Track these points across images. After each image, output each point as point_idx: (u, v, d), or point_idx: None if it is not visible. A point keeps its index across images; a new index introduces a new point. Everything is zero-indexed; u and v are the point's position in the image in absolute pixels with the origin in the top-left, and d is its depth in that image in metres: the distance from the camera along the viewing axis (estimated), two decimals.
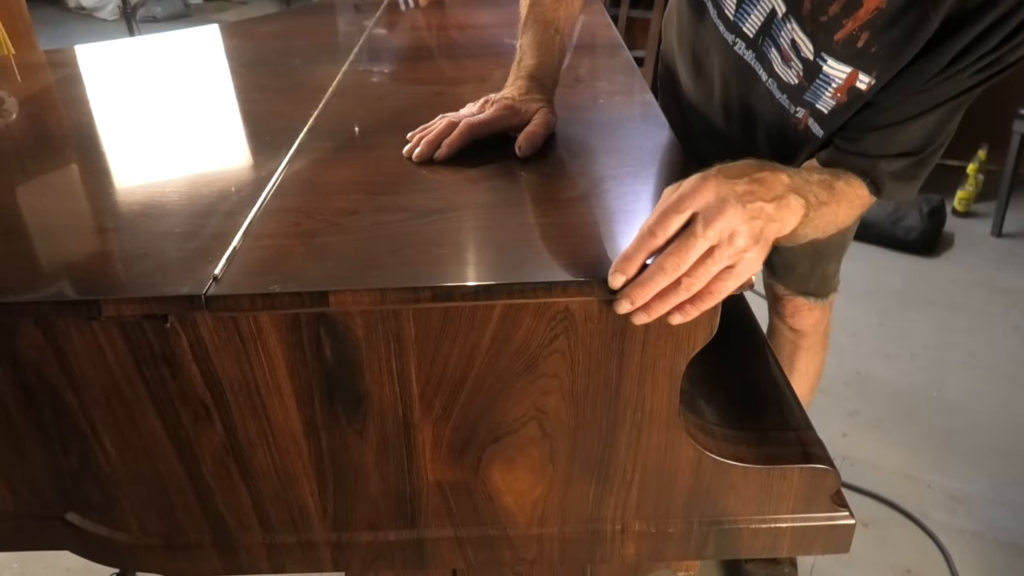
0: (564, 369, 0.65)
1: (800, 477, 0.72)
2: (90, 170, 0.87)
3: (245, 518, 0.73)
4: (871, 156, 0.78)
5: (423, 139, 0.83)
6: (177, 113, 1.04)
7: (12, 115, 1.09)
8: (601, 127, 0.92)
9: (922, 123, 0.75)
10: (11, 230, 0.73)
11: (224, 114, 1.04)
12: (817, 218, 0.70)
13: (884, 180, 0.78)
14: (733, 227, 0.59)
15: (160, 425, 0.67)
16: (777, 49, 0.84)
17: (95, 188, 0.83)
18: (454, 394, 0.66)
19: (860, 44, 0.74)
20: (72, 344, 0.63)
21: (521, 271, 0.62)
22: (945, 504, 1.56)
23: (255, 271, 0.63)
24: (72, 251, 0.69)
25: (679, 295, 0.60)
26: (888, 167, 0.77)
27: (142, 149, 0.92)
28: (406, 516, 0.74)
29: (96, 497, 0.72)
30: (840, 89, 0.78)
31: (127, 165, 0.87)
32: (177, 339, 0.62)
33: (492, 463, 0.70)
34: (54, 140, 0.98)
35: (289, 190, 0.77)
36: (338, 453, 0.69)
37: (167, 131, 0.97)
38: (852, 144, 0.79)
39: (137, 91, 1.15)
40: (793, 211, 0.64)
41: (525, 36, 0.93)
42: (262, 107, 1.05)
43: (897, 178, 0.78)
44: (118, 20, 5.29)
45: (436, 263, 0.64)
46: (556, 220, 0.72)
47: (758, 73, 0.88)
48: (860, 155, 0.78)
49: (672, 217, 0.60)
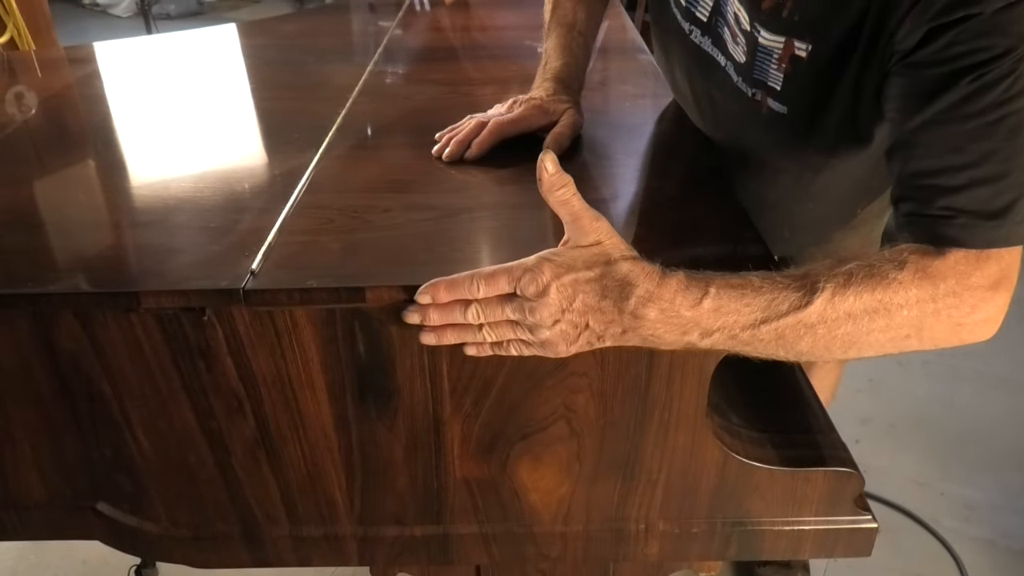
0: (594, 368, 0.65)
1: (824, 480, 0.73)
2: (124, 166, 0.88)
3: (273, 510, 0.74)
4: (925, 203, 0.59)
5: (452, 139, 0.84)
6: (206, 110, 1.05)
7: (31, 111, 1.11)
8: (626, 131, 0.93)
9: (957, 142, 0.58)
10: (48, 223, 0.74)
11: (253, 112, 1.05)
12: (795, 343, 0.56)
13: (962, 224, 0.57)
14: (544, 319, 0.57)
15: (193, 416, 0.68)
16: (727, 26, 0.81)
17: (129, 183, 0.84)
18: (484, 391, 0.67)
19: (784, 13, 0.71)
20: (109, 335, 0.64)
21: None
22: (957, 511, 1.56)
23: (291, 266, 0.64)
24: (109, 244, 0.70)
25: (473, 337, 0.60)
26: (957, 202, 0.57)
27: (173, 146, 0.93)
28: (432, 512, 0.74)
29: (127, 487, 0.73)
30: (782, 59, 0.74)
31: (159, 161, 0.88)
32: (213, 332, 0.63)
33: (519, 460, 0.71)
34: (85, 136, 0.99)
35: (321, 187, 0.78)
36: (367, 447, 0.70)
37: (197, 128, 0.98)
38: (904, 205, 0.61)
39: (165, 88, 1.16)
40: (654, 330, 0.56)
41: (549, 40, 0.94)
42: (290, 105, 1.06)
43: (980, 216, 0.57)
44: (131, 17, 5.31)
45: (469, 261, 0.64)
46: None
47: (716, 59, 0.85)
48: (914, 213, 0.60)
49: (501, 280, 0.57)
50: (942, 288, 0.57)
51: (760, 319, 0.56)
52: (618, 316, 0.57)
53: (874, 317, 0.56)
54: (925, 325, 0.58)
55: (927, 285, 0.57)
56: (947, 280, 0.57)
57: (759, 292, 0.56)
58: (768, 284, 0.56)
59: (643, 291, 0.56)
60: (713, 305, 0.56)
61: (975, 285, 0.57)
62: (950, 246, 0.58)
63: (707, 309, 0.56)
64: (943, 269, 0.57)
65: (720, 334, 0.56)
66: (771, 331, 0.56)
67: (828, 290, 0.56)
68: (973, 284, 0.57)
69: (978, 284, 0.58)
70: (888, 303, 0.56)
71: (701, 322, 0.56)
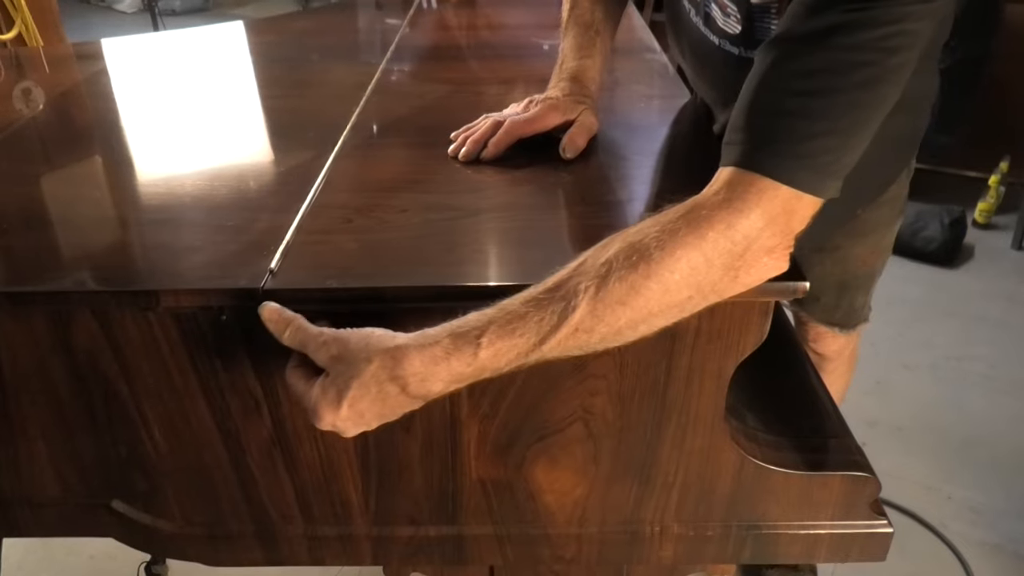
0: (613, 370, 0.65)
1: (841, 484, 0.73)
2: (136, 164, 0.88)
3: (288, 510, 0.74)
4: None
5: (468, 138, 0.84)
6: (218, 108, 1.05)
7: (39, 106, 1.10)
8: (642, 132, 0.93)
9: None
10: (63, 220, 0.74)
11: (267, 110, 1.05)
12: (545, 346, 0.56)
13: (751, 145, 0.58)
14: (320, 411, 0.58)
15: (209, 416, 0.68)
16: (716, 3, 0.81)
17: (143, 181, 0.83)
18: (502, 392, 0.66)
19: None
20: (127, 334, 0.64)
21: None
22: (965, 515, 1.56)
23: (310, 265, 0.64)
24: (125, 242, 0.69)
25: None
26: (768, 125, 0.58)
27: (187, 144, 0.93)
28: (447, 512, 0.74)
29: (142, 485, 0.73)
30: (780, 11, 0.72)
31: (175, 159, 0.88)
32: (230, 332, 0.63)
33: (536, 462, 0.71)
34: (98, 133, 0.99)
35: (337, 186, 0.78)
36: (384, 448, 0.70)
37: (211, 126, 0.98)
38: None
39: (175, 86, 1.15)
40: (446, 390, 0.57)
41: (566, 39, 0.93)
42: (302, 103, 1.06)
43: (773, 143, 0.57)
44: (136, 13, 5.31)
45: (488, 262, 0.64)
46: (600, 222, 0.72)
47: (711, 39, 0.85)
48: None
49: (310, 348, 0.58)
50: (710, 237, 0.55)
51: (536, 341, 0.55)
52: (408, 402, 0.57)
53: (646, 293, 0.55)
54: (702, 280, 0.56)
55: (693, 239, 0.55)
56: (715, 226, 0.55)
57: (525, 319, 0.55)
58: (531, 307, 0.55)
59: (417, 376, 0.55)
60: (489, 352, 0.55)
61: (745, 220, 0.56)
62: (730, 165, 0.57)
63: (485, 358, 0.55)
64: (715, 206, 0.56)
65: (509, 366, 0.56)
66: (554, 345, 0.55)
67: (590, 290, 0.55)
68: (743, 220, 0.56)
69: (747, 217, 0.56)
70: (655, 273, 0.55)
71: (486, 368, 0.56)
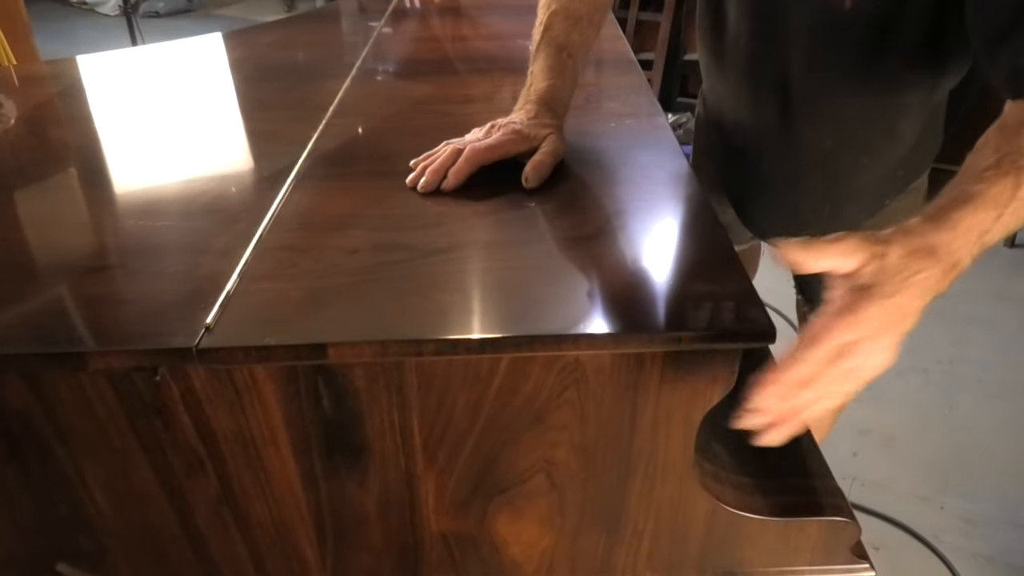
0: (574, 421, 0.62)
1: (819, 529, 0.69)
2: (80, 197, 0.84)
3: (241, 568, 0.70)
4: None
5: (428, 167, 0.80)
6: (174, 135, 1.01)
7: (11, 120, 1.06)
8: (613, 154, 0.89)
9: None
10: None
11: (222, 136, 1.01)
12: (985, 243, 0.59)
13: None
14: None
15: (152, 476, 0.64)
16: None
17: (85, 219, 0.79)
18: (459, 446, 0.63)
19: None
20: (59, 395, 0.60)
21: (530, 321, 0.59)
22: (957, 527, 1.53)
23: (250, 318, 0.60)
24: (58, 295, 0.66)
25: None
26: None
27: (135, 174, 0.88)
28: (408, 566, 0.71)
29: (87, 547, 0.69)
30: None
31: (119, 192, 0.84)
32: (168, 391, 0.59)
33: (498, 514, 0.67)
34: (46, 159, 0.94)
35: (287, 224, 0.74)
36: (338, 504, 0.66)
37: (163, 155, 0.94)
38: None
39: (133, 110, 1.11)
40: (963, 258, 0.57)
41: (537, 60, 0.89)
42: (262, 127, 1.02)
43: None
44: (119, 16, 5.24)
45: (440, 311, 0.60)
46: (566, 261, 0.69)
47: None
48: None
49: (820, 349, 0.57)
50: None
51: (996, 215, 0.57)
52: (943, 276, 0.56)
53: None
54: None
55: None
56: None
57: (984, 195, 0.57)
58: (985, 184, 0.57)
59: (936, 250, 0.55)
60: (963, 228, 0.56)
61: None
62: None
63: (962, 231, 0.57)
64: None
65: (971, 254, 0.57)
66: (1007, 220, 0.58)
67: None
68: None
69: None
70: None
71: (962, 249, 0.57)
